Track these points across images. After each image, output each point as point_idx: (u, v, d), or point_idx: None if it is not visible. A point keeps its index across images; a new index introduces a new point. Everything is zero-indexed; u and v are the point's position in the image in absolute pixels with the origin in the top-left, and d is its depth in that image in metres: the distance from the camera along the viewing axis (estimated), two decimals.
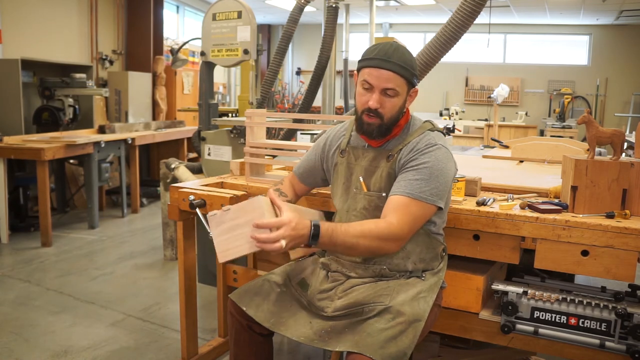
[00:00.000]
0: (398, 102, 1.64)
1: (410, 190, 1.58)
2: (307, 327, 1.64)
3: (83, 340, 2.79)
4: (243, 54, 3.36)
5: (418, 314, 1.58)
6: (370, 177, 1.70)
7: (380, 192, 1.68)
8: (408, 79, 1.63)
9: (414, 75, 1.64)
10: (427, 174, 1.59)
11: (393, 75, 1.60)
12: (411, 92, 1.69)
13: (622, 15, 9.59)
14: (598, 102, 10.88)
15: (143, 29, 7.30)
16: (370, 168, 1.71)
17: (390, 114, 1.64)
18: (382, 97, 1.62)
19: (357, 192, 1.73)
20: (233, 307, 1.76)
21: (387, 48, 1.62)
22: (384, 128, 1.66)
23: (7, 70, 4.98)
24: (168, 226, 4.08)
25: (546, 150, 3.06)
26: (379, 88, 1.62)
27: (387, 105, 1.63)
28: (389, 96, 1.62)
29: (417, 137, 1.68)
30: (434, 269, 1.72)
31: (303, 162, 1.96)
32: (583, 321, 1.79)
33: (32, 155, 4.34)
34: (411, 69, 1.63)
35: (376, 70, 1.61)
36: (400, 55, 1.61)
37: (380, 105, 1.62)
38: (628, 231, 1.65)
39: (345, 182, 1.77)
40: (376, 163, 1.70)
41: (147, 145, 6.66)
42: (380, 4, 9.33)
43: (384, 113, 1.63)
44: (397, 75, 1.60)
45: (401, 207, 1.57)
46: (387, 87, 1.61)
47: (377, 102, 1.62)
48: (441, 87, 11.57)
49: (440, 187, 1.60)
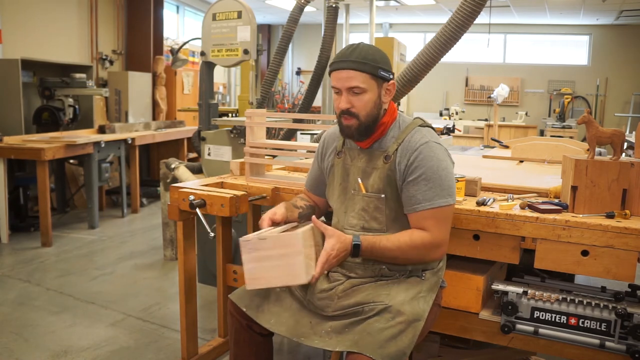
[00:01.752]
0: (369, 98, 1.63)
1: (430, 200, 1.60)
2: (307, 327, 1.64)
3: (83, 340, 2.79)
4: (243, 54, 3.36)
5: (418, 314, 1.58)
6: (368, 178, 1.70)
7: (379, 193, 1.67)
8: (372, 73, 1.61)
9: (378, 68, 1.62)
10: (435, 178, 1.60)
11: (353, 72, 1.60)
12: (386, 85, 1.66)
13: (622, 15, 9.59)
14: (598, 102, 10.88)
15: (143, 29, 7.30)
16: (368, 169, 1.71)
17: (365, 111, 1.63)
18: (350, 97, 1.63)
19: (355, 194, 1.73)
20: (233, 307, 1.76)
21: (346, 50, 1.64)
22: (363, 127, 1.65)
23: (7, 70, 4.98)
24: (168, 226, 4.08)
25: (546, 150, 3.06)
26: (344, 88, 1.63)
27: (358, 104, 1.63)
28: (356, 94, 1.62)
29: (409, 135, 1.67)
30: (433, 268, 1.72)
31: (309, 174, 1.97)
32: (583, 321, 1.79)
33: (32, 155, 4.34)
34: (373, 62, 1.61)
35: (337, 72, 1.63)
36: (359, 52, 1.61)
37: (351, 105, 1.63)
38: (628, 231, 1.65)
39: (342, 183, 1.77)
40: (373, 164, 1.70)
41: (147, 145, 6.66)
42: (380, 4, 9.33)
43: (357, 112, 1.63)
44: (357, 71, 1.60)
45: (428, 220, 1.61)
46: (351, 86, 1.61)
47: (347, 103, 1.63)
48: (441, 87, 11.57)
49: (450, 183, 1.63)
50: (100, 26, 6.82)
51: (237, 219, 3.20)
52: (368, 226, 1.69)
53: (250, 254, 1.56)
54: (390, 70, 1.66)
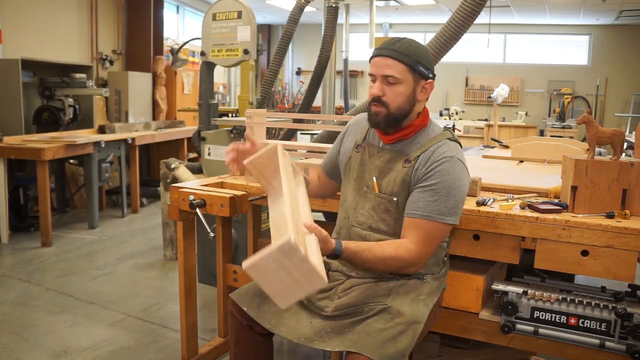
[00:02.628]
0: (402, 91, 1.61)
1: (429, 212, 1.58)
2: (307, 328, 1.63)
3: (83, 340, 2.79)
4: (243, 54, 3.36)
5: (417, 316, 1.58)
6: (384, 179, 1.68)
7: (392, 195, 1.65)
8: (410, 66, 1.59)
9: (418, 63, 1.59)
10: (444, 193, 1.58)
11: (391, 61, 1.59)
12: (423, 83, 1.64)
13: (622, 15, 9.59)
14: (598, 102, 10.88)
15: (143, 29, 7.29)
16: (385, 169, 1.69)
17: (395, 102, 1.61)
18: (384, 85, 1.61)
19: (367, 191, 1.71)
20: (233, 306, 1.75)
21: (392, 40, 1.63)
22: (391, 118, 1.63)
23: (7, 70, 4.98)
24: (168, 226, 4.08)
25: (546, 150, 3.06)
26: (379, 75, 1.62)
27: (390, 94, 1.61)
28: (390, 84, 1.61)
29: (435, 145, 1.64)
30: (434, 273, 1.72)
31: (327, 155, 1.97)
32: (583, 321, 1.79)
33: (32, 155, 4.33)
34: (414, 56, 1.59)
35: (376, 59, 1.62)
36: (403, 43, 1.60)
37: (383, 93, 1.61)
38: (628, 231, 1.65)
39: (357, 179, 1.76)
40: (391, 165, 1.68)
41: (147, 145, 6.65)
42: (380, 4, 9.33)
43: (388, 101, 1.62)
44: (396, 60, 1.58)
45: (419, 230, 1.59)
46: (386, 74, 1.60)
47: (379, 90, 1.62)
48: (441, 87, 11.56)
49: (457, 204, 1.60)
50: (100, 26, 6.82)
51: (237, 219, 3.20)
52: (375, 226, 1.68)
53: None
54: (431, 69, 1.64)
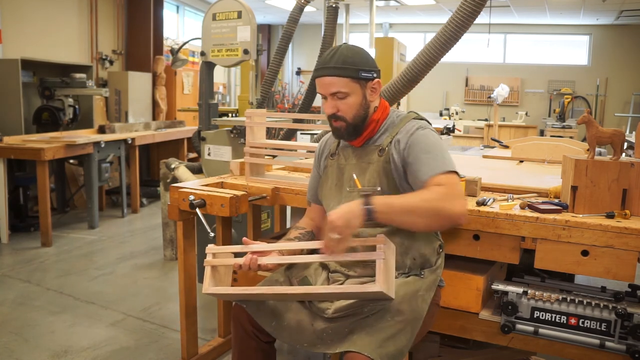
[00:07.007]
0: (354, 101, 1.64)
1: (437, 168, 1.55)
2: (309, 332, 1.63)
3: (83, 340, 2.79)
4: (243, 54, 3.36)
5: (416, 313, 1.59)
6: (364, 174, 1.70)
7: (374, 186, 1.66)
8: (352, 77, 1.61)
9: (359, 70, 1.62)
10: (434, 150, 1.59)
11: (333, 79, 1.62)
12: (371, 85, 1.66)
13: (622, 15, 9.59)
14: (598, 102, 10.88)
15: (143, 29, 7.30)
16: (362, 165, 1.71)
17: (351, 113, 1.65)
18: (335, 102, 1.65)
19: (350, 191, 1.71)
20: (237, 311, 1.73)
21: (326, 55, 1.64)
22: (352, 128, 1.67)
23: (7, 70, 4.98)
24: (168, 226, 4.08)
25: (546, 150, 3.06)
26: (328, 94, 1.65)
27: (343, 107, 1.65)
28: (340, 98, 1.64)
29: (404, 127, 1.68)
30: (431, 265, 1.71)
31: (309, 185, 1.96)
32: (583, 321, 1.79)
33: (32, 155, 4.34)
34: (352, 65, 1.61)
35: (319, 79, 1.65)
36: (338, 57, 1.62)
37: (337, 109, 1.65)
38: (628, 231, 1.65)
39: (337, 183, 1.77)
40: (368, 159, 1.70)
41: (147, 145, 6.65)
42: (380, 4, 9.33)
43: (344, 114, 1.65)
44: (337, 77, 1.61)
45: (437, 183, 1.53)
46: (333, 92, 1.63)
47: (332, 108, 1.65)
48: (441, 87, 11.57)
49: (449, 158, 1.60)
50: (100, 26, 6.82)
51: (237, 219, 3.21)
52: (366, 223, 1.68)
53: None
54: (372, 70, 1.65)
